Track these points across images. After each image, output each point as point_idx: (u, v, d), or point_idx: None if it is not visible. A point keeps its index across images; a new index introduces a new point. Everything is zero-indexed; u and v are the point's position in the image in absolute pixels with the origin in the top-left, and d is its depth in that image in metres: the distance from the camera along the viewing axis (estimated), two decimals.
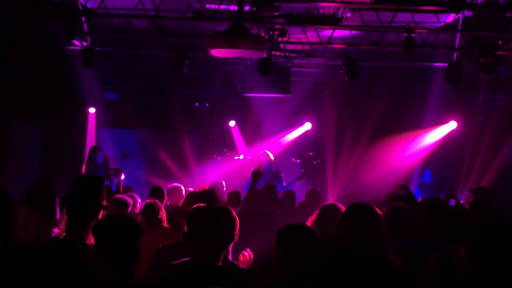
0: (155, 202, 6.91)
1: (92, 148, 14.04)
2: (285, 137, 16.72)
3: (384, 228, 4.49)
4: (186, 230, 4.12)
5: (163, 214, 6.83)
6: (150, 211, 6.79)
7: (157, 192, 8.36)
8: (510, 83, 14.23)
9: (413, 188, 14.36)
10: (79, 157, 14.90)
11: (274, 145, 16.31)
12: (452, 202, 9.76)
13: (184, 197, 8.35)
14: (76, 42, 12.53)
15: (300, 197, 9.81)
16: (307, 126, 16.68)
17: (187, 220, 4.15)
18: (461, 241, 3.91)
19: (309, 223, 5.42)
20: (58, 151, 14.88)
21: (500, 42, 11.73)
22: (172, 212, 7.34)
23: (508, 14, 10.93)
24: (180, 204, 8.25)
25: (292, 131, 16.83)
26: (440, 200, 6.53)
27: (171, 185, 9.14)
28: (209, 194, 7.01)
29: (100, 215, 4.03)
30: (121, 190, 10.55)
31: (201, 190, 7.18)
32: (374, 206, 4.50)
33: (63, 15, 11.26)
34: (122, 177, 11.21)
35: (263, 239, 5.52)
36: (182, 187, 9.13)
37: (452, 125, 15.64)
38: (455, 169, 15.73)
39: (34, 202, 7.57)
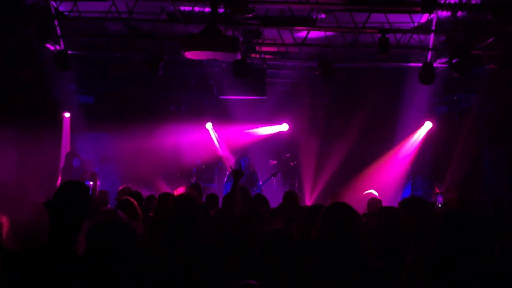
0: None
1: (68, 154, 13.94)
2: (256, 130, 16.61)
3: (362, 227, 4.50)
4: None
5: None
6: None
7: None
8: (484, 83, 14.34)
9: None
10: (55, 162, 14.75)
11: (243, 135, 16.27)
12: (439, 199, 9.92)
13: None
14: (49, 46, 12.40)
15: (278, 198, 9.78)
16: (284, 127, 16.65)
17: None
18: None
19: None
20: (33, 156, 14.69)
21: (474, 42, 11.82)
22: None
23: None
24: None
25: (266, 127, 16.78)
26: (420, 199, 6.53)
27: None
28: (186, 199, 6.96)
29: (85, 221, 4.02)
30: (96, 194, 10.49)
31: (177, 193, 7.12)
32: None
33: (35, 18, 11.15)
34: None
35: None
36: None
37: (427, 125, 15.72)
38: (432, 169, 15.82)
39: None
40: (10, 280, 3.66)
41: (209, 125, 16.74)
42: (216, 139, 16.71)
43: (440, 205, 10.72)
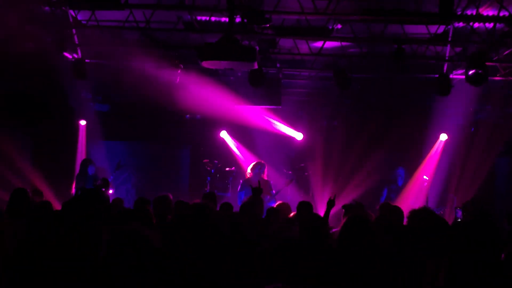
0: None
1: (84, 161, 13.97)
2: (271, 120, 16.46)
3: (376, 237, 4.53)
4: None
5: None
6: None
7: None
8: (500, 94, 14.29)
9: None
10: (70, 169, 14.81)
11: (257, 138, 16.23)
12: (459, 212, 9.87)
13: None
14: (66, 54, 12.46)
15: (292, 207, 9.76)
16: (299, 136, 16.58)
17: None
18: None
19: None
20: (49, 163, 14.77)
21: (490, 54, 11.78)
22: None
23: (497, 25, 10.99)
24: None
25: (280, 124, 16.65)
26: (426, 209, 6.55)
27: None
28: (201, 207, 6.99)
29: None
30: (110, 201, 10.51)
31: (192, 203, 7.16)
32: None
33: (53, 27, 11.23)
34: (110, 191, 11.17)
35: None
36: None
37: (443, 137, 15.64)
38: (445, 180, 15.73)
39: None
40: (10, 280, 3.67)
41: (224, 133, 16.73)
42: (230, 148, 16.69)
43: (459, 220, 10.65)
